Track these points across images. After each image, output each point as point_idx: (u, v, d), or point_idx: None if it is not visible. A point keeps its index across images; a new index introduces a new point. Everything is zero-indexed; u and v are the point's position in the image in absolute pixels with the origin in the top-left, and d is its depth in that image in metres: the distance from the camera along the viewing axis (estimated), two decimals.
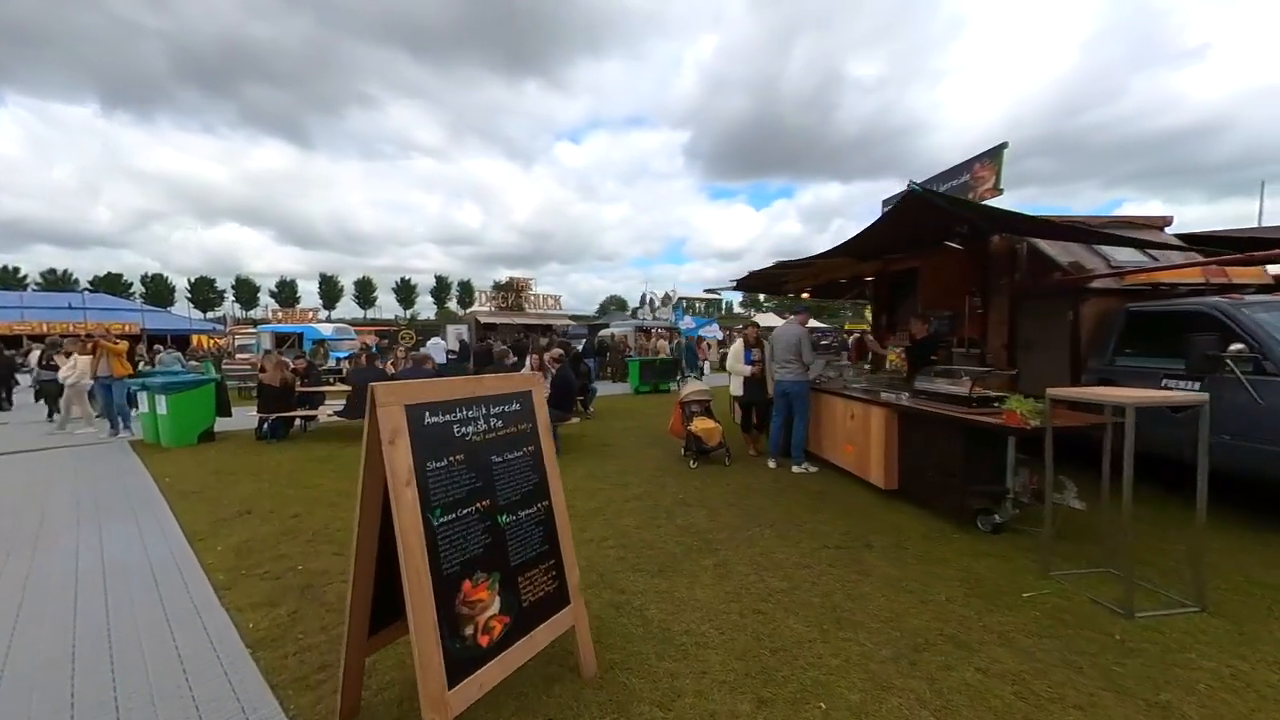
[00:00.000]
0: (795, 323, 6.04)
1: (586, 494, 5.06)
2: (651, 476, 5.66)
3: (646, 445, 7.35)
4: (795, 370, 5.81)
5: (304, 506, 4.83)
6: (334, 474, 5.98)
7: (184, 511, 4.74)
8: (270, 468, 6.31)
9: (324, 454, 7.00)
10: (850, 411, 5.23)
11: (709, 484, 5.37)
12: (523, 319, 21.56)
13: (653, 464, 6.24)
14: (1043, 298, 5.64)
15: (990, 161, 6.23)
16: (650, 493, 5.10)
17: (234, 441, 7.91)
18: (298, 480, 5.74)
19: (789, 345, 5.83)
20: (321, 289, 72.11)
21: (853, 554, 3.68)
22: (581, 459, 6.49)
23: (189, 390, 7.67)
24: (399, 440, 1.96)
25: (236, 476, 5.92)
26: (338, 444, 7.63)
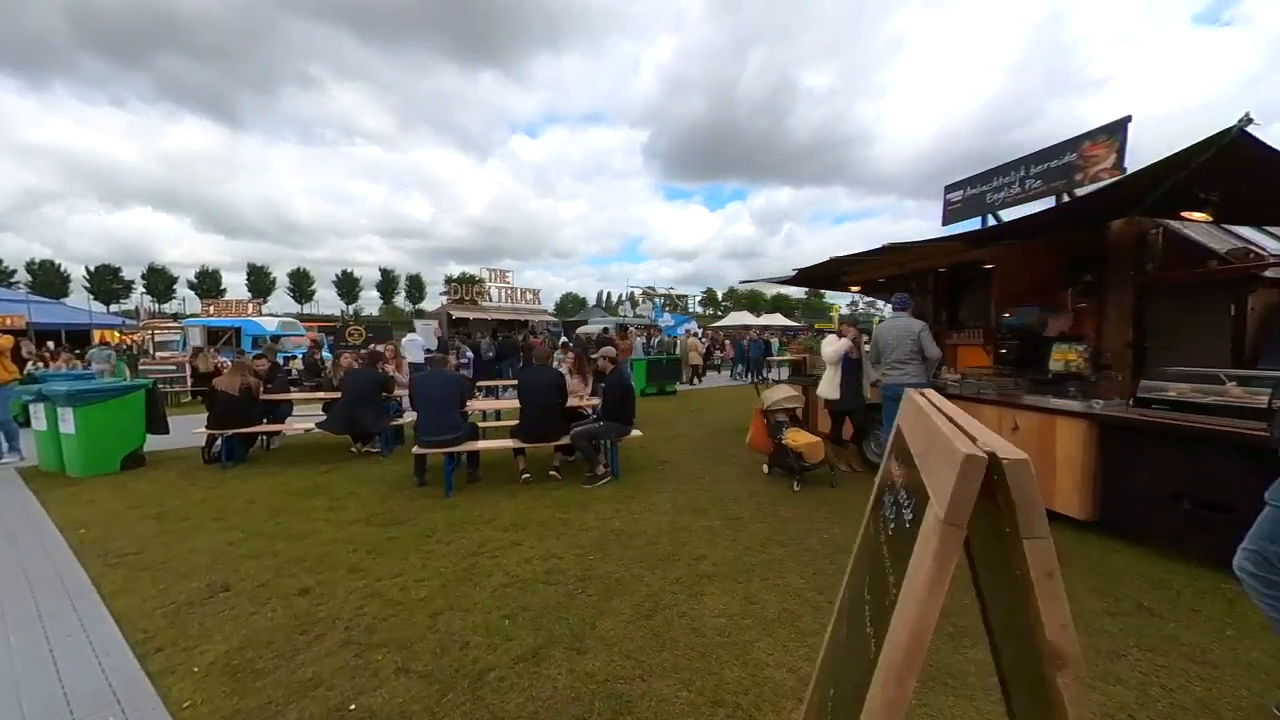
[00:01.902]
0: (906, 314, 5.10)
1: (708, 536, 3.85)
2: (762, 506, 4.52)
3: (709, 460, 6.20)
4: (914, 371, 4.87)
5: (311, 572, 3.34)
6: (331, 513, 4.43)
7: (119, 590, 3.14)
8: (236, 506, 4.65)
9: (306, 482, 5.36)
10: (1012, 422, 4.33)
11: (842, 516, 4.30)
12: (499, 314, 19.76)
13: (741, 487, 5.11)
14: (1189, 289, 4.98)
15: (1107, 139, 5.57)
16: (783, 532, 3.97)
17: (173, 467, 6.06)
18: (283, 525, 4.17)
19: (904, 341, 4.87)
20: (250, 281, 65.55)
21: (1141, 624, 2.71)
22: (651, 481, 5.26)
23: (108, 400, 5.77)
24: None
25: (190, 523, 4.25)
26: (317, 466, 5.97)
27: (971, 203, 7.34)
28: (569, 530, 3.99)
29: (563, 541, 3.77)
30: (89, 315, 20.40)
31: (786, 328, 32.63)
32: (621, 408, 5.27)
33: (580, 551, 3.60)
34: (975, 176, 7.29)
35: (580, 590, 3.05)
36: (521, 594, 3.02)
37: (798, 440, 5.15)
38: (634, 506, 4.51)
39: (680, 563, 3.40)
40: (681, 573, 3.26)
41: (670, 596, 2.97)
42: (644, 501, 4.65)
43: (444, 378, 5.07)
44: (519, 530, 4.00)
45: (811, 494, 4.85)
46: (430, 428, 4.83)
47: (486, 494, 4.90)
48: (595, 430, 5.19)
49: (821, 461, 5.12)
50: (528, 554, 3.57)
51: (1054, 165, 6.18)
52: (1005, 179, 6.82)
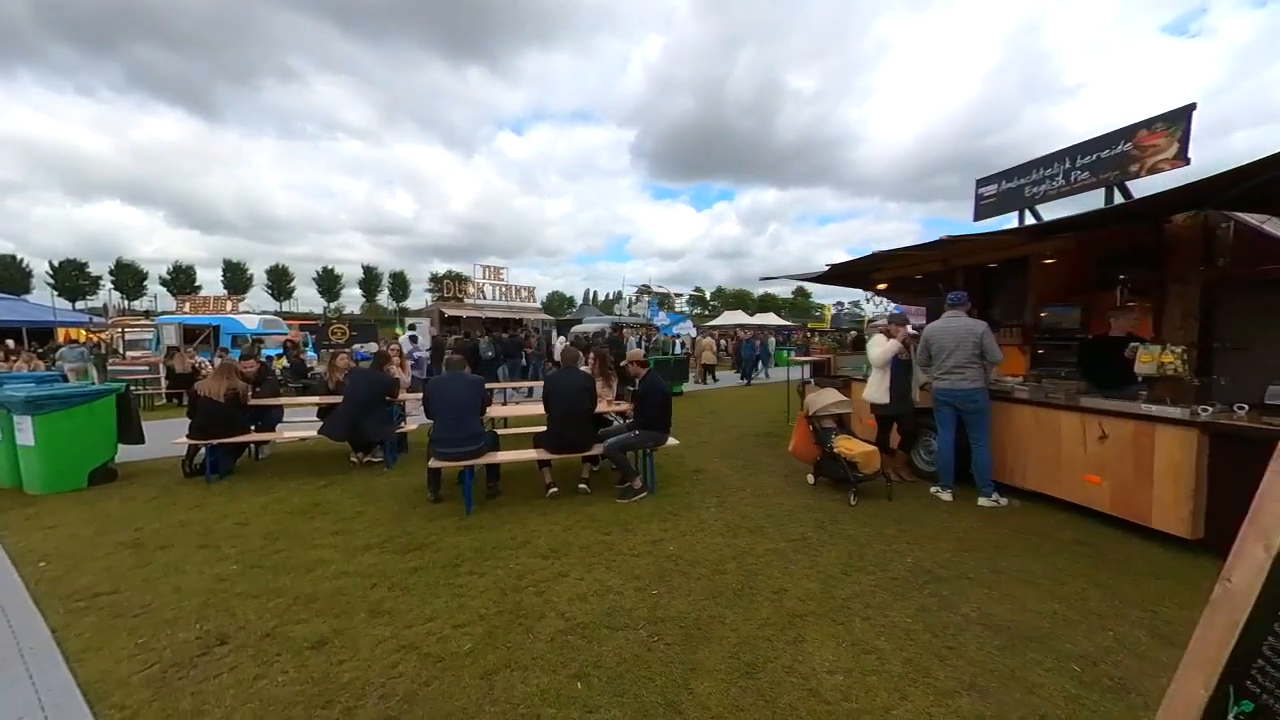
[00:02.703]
0: (963, 312, 4.72)
1: (780, 563, 3.38)
2: (823, 525, 4.08)
3: (744, 468, 5.76)
4: (973, 375, 4.49)
5: (325, 617, 2.79)
6: (338, 537, 3.88)
7: (88, 647, 2.56)
8: (226, 529, 4.06)
9: (304, 499, 4.77)
10: (1098, 429, 3.96)
11: (915, 535, 3.88)
12: (493, 312, 19.08)
13: (791, 500, 4.67)
14: (1268, 286, 4.69)
15: (1167, 127, 5.27)
16: (860, 557, 3.53)
17: (149, 481, 5.40)
18: (284, 553, 3.60)
19: (965, 344, 4.49)
20: (226, 277, 63.26)
21: None
22: (691, 495, 4.79)
23: (73, 407, 5.09)
24: None
25: (174, 552, 3.65)
26: (314, 479, 5.37)
27: (1008, 197, 7.03)
28: (618, 556, 3.51)
29: (615, 571, 3.28)
30: (53, 312, 19.19)
31: (780, 327, 32.43)
32: (660, 415, 4.79)
33: (639, 584, 3.12)
34: (1011, 170, 6.98)
35: (655, 638, 2.57)
36: (586, 644, 2.53)
37: (851, 449, 4.73)
38: (682, 526, 4.05)
39: (760, 598, 2.95)
40: (767, 612, 2.80)
41: (766, 645, 2.51)
42: (691, 520, 4.18)
43: (464, 381, 4.53)
44: (560, 557, 3.50)
45: (871, 508, 4.43)
46: (450, 437, 4.29)
47: (512, 511, 4.39)
48: (631, 440, 4.71)
49: (877, 472, 4.72)
50: (579, 588, 3.08)
51: (1105, 156, 5.88)
52: (1046, 171, 6.51)
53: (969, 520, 4.14)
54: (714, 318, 40.10)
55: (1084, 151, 6.10)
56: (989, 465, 4.47)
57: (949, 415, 4.63)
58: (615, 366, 6.18)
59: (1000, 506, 4.40)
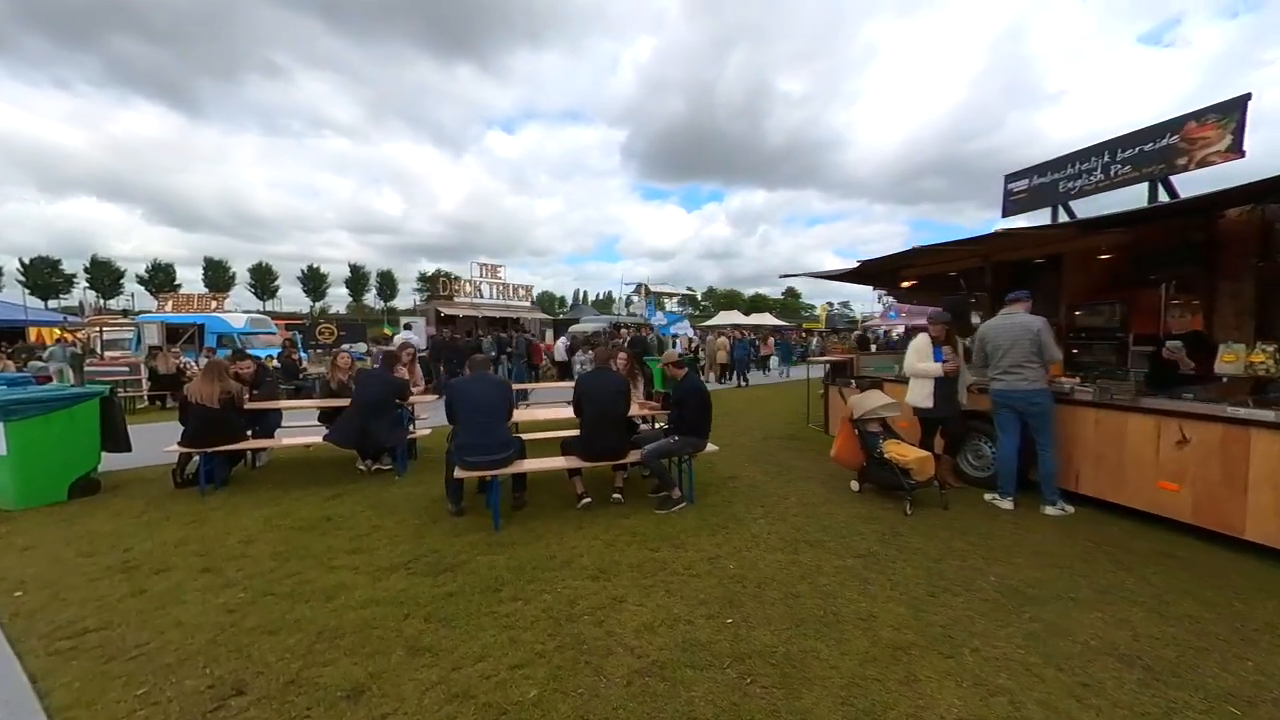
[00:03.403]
0: (1021, 308, 4.46)
1: (856, 583, 3.06)
2: (885, 537, 3.78)
3: (779, 474, 5.45)
4: (1033, 375, 4.23)
5: (356, 656, 2.41)
6: (357, 556, 3.48)
7: (75, 700, 2.15)
8: (229, 549, 3.63)
9: (312, 512, 4.35)
10: (1176, 433, 3.71)
11: (986, 547, 3.60)
12: (490, 311, 18.60)
13: (841, 510, 4.36)
14: None
15: (1219, 119, 5.09)
16: (938, 574, 3.23)
17: (137, 493, 4.93)
18: (299, 577, 3.20)
19: (1023, 341, 4.24)
20: (207, 276, 61.54)
21: None
22: (733, 505, 4.47)
23: (51, 412, 4.62)
24: None
25: (172, 578, 3.23)
26: (319, 490, 4.95)
27: (1040, 193, 6.83)
28: (675, 577, 3.17)
29: (677, 596, 2.95)
30: (24, 311, 18.29)
31: (777, 327, 32.33)
32: (701, 420, 4.47)
33: (708, 611, 2.78)
34: (1044, 164, 6.78)
35: (748, 679, 2.24)
36: (670, 688, 2.18)
37: (904, 455, 4.45)
38: (735, 540, 3.72)
39: (850, 626, 2.63)
40: (863, 644, 2.49)
41: (877, 686, 2.19)
42: (742, 533, 3.86)
43: (491, 384, 4.16)
44: (611, 578, 3.16)
45: (930, 519, 4.15)
46: (478, 444, 3.91)
47: (544, 525, 4.02)
48: (670, 447, 4.37)
49: (930, 479, 4.44)
50: (642, 616, 2.73)
51: (1149, 149, 5.68)
52: (1084, 165, 6.32)
53: (1039, 531, 3.87)
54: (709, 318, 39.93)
55: (1125, 145, 5.90)
56: (1055, 472, 4.21)
57: (1010, 418, 4.37)
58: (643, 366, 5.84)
59: (1066, 515, 4.15)
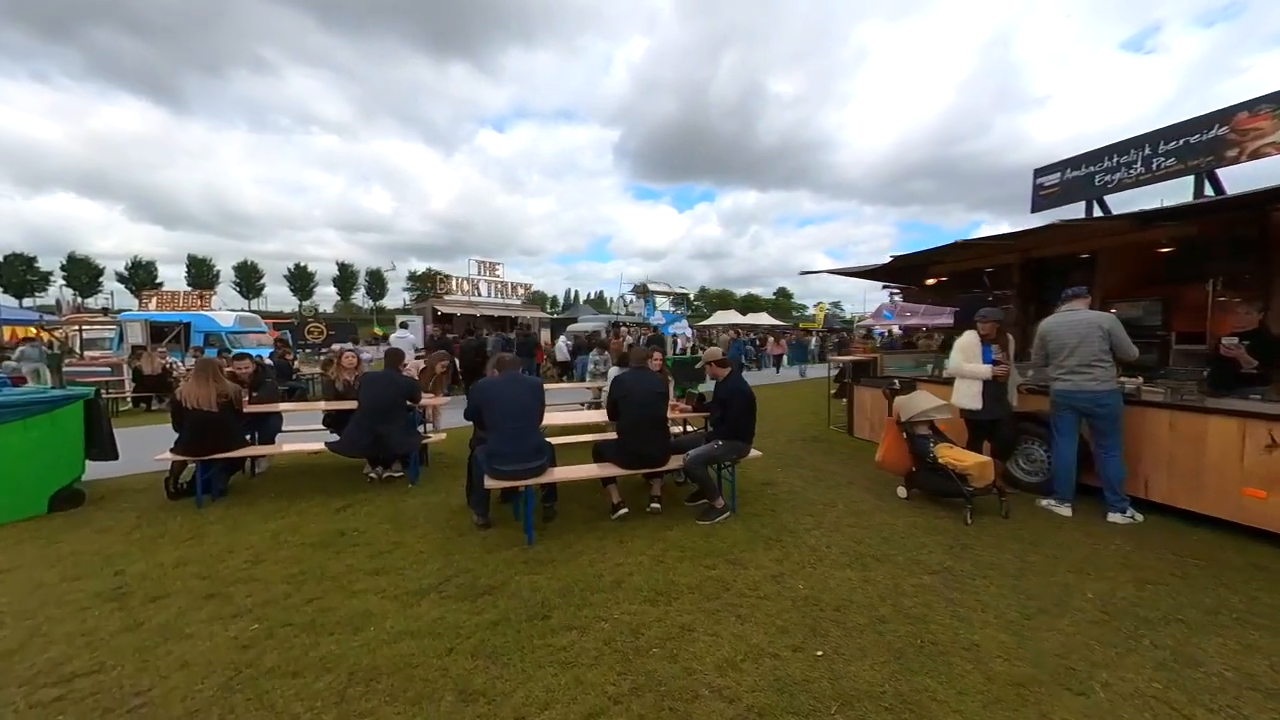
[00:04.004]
0: (1085, 303, 4.22)
1: (943, 604, 2.76)
2: (953, 549, 3.49)
3: (816, 480, 5.17)
4: (1103, 375, 3.98)
5: (399, 703, 2.06)
6: (381, 578, 3.12)
7: None
8: (235, 570, 3.25)
9: (323, 525, 3.97)
10: (1267, 437, 3.47)
11: (1063, 559, 3.33)
12: (488, 310, 18.15)
13: (896, 519, 4.08)
14: None
15: (1274, 109, 4.91)
16: (1026, 593, 2.95)
17: (126, 505, 4.50)
18: (318, 603, 2.83)
19: (1091, 338, 3.99)
20: (191, 274, 60.04)
21: None
22: (780, 514, 4.17)
23: (30, 417, 4.18)
24: None
25: (171, 605, 2.84)
26: (327, 500, 4.56)
27: (1073, 187, 6.65)
28: (742, 599, 2.86)
29: (752, 622, 2.63)
30: None
31: (774, 327, 32.20)
32: (746, 423, 4.16)
33: (792, 641, 2.47)
34: (1078, 158, 6.60)
35: None
36: None
37: (961, 460, 4.18)
38: (795, 555, 3.42)
39: (955, 658, 2.34)
40: (977, 679, 2.20)
41: None
42: (800, 547, 3.56)
43: (524, 385, 3.81)
44: (670, 600, 2.84)
45: (993, 527, 3.89)
46: (511, 452, 3.57)
47: (580, 538, 3.69)
48: (715, 452, 4.06)
49: (989, 485, 4.18)
50: (719, 648, 2.42)
51: (1195, 141, 5.50)
52: (1122, 159, 6.13)
53: (1114, 541, 3.62)
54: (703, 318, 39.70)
55: (1168, 137, 5.72)
56: (1122, 477, 3.97)
57: (1070, 420, 4.13)
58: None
59: (1136, 523, 3.91)
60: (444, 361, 5.95)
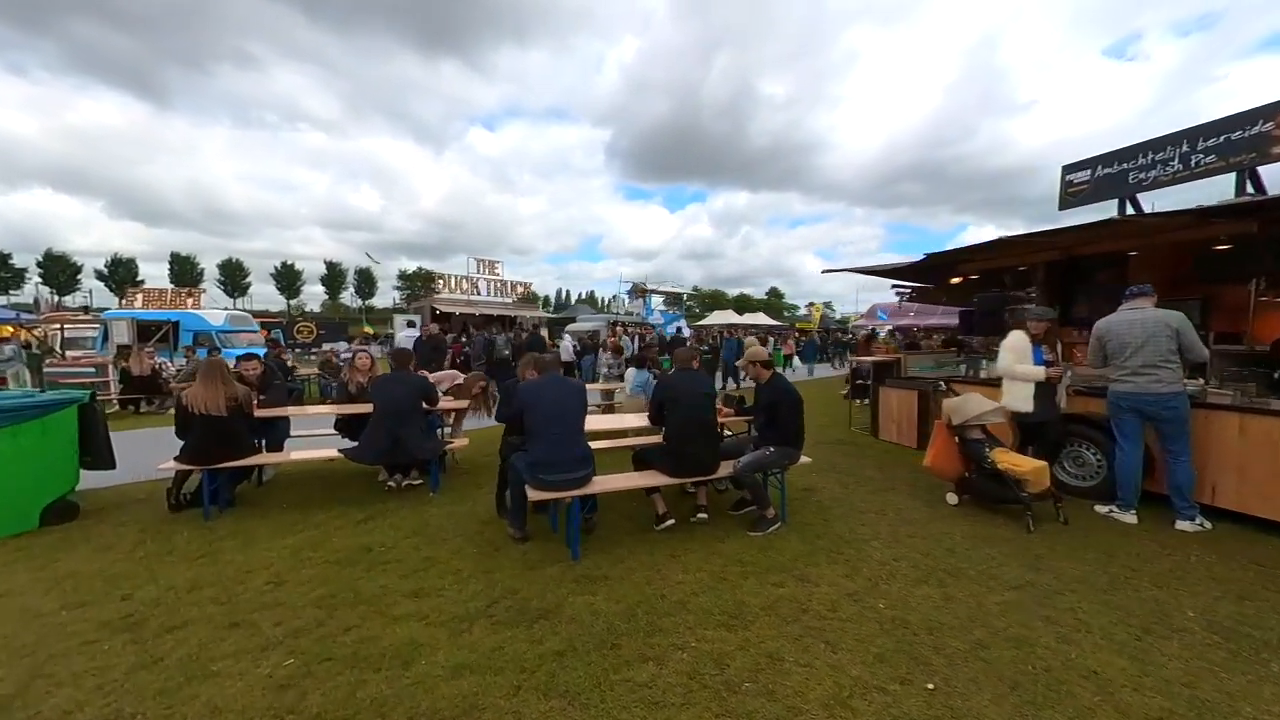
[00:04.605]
0: (1150, 302, 4.05)
1: (1042, 624, 2.55)
2: (1024, 560, 3.29)
3: (857, 485, 4.96)
4: (1168, 377, 3.81)
5: None
6: (420, 600, 2.84)
7: None
8: (256, 593, 2.94)
9: (346, 540, 3.66)
10: None
11: (1149, 571, 3.13)
12: (487, 308, 17.79)
13: (952, 527, 3.89)
14: None
15: None
16: (1120, 609, 2.75)
17: (124, 520, 4.15)
18: (357, 632, 2.54)
19: (1158, 338, 3.83)
20: (174, 271, 58.52)
21: None
22: (831, 524, 3.94)
23: (20, 423, 3.82)
24: None
25: (189, 636, 2.53)
26: (346, 511, 4.25)
27: (1106, 184, 6.53)
28: (823, 622, 2.63)
29: (844, 650, 2.40)
30: None
31: (772, 326, 32.14)
32: (796, 427, 3.94)
33: (894, 672, 2.25)
34: (1110, 154, 6.48)
35: None
36: None
37: (1018, 465, 4.00)
38: (863, 570, 3.19)
39: (1078, 688, 2.12)
40: (1108, 715, 1.99)
41: None
42: (865, 560, 3.34)
43: (567, 388, 3.54)
44: (748, 625, 2.60)
45: (1056, 536, 3.70)
46: (558, 460, 3.30)
47: (628, 551, 3.43)
48: (767, 459, 3.83)
49: (1046, 491, 4.00)
50: (818, 681, 2.18)
51: (1237, 137, 5.39)
52: (1159, 155, 6.02)
53: (1192, 551, 3.45)
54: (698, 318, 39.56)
55: (1208, 133, 5.61)
56: (1191, 483, 3.81)
57: (1133, 423, 3.96)
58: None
59: (1206, 531, 3.75)
60: (481, 383, 5.61)
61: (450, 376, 6.23)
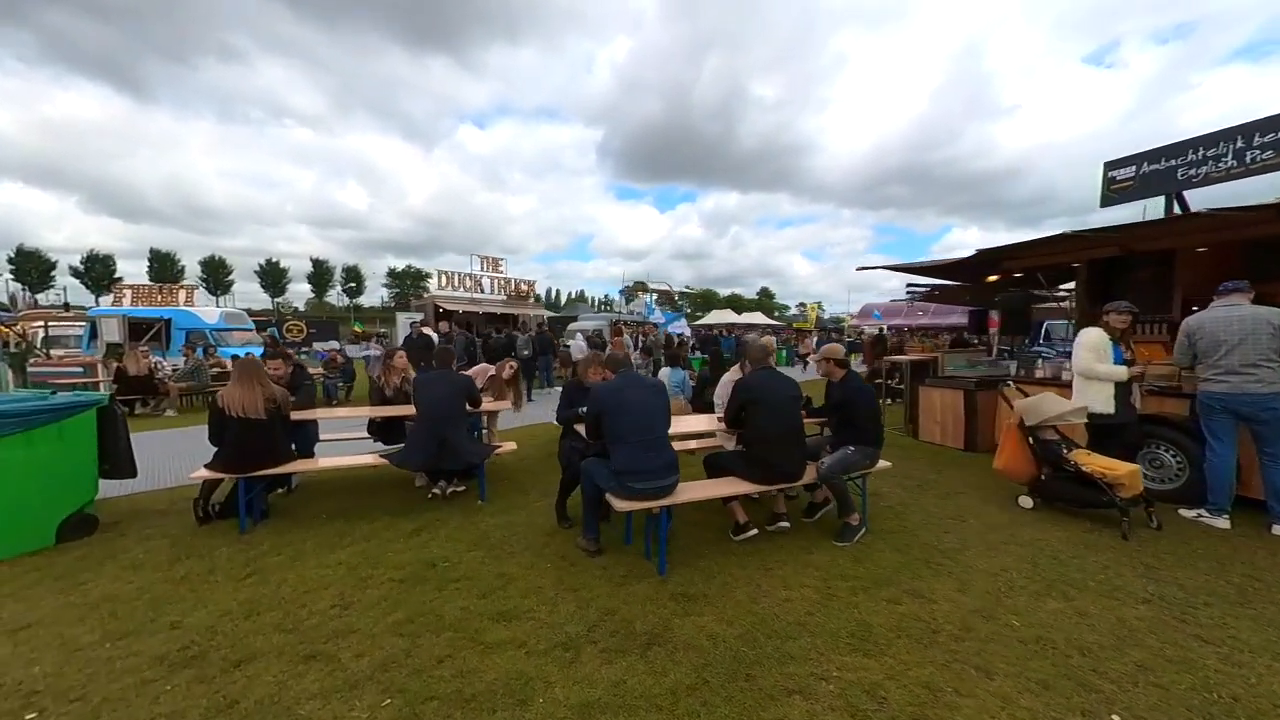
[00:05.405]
0: (1246, 298, 3.91)
1: (1200, 647, 2.35)
2: (1137, 570, 3.10)
3: (924, 491, 4.77)
4: (1270, 376, 3.65)
5: None
6: (511, 623, 2.56)
7: None
8: (321, 617, 2.63)
9: (406, 556, 3.35)
10: None
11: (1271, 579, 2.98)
12: (490, 307, 17.38)
13: (1038, 533, 3.70)
14: None
15: None
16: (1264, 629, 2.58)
17: (148, 533, 3.78)
18: (450, 663, 2.26)
19: (1256, 334, 3.68)
20: (153, 269, 56.77)
21: None
22: (907, 530, 3.74)
23: (34, 428, 3.45)
24: None
25: (259, 670, 2.22)
26: (390, 523, 3.93)
27: (1152, 180, 6.43)
28: (962, 645, 2.40)
29: (1004, 677, 2.18)
30: None
31: (769, 326, 32.13)
32: (875, 427, 3.73)
33: (1068, 700, 2.03)
34: (1156, 150, 6.38)
35: None
36: None
37: (1112, 468, 3.83)
38: (976, 583, 2.98)
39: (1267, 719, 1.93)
40: None
41: None
42: (970, 570, 3.13)
43: (650, 388, 3.27)
44: (882, 651, 2.36)
45: (1157, 543, 3.53)
46: (647, 469, 3.03)
47: (714, 564, 3.18)
48: (850, 460, 3.61)
49: (1138, 495, 3.84)
50: (991, 715, 1.96)
51: None
52: (1210, 151, 5.92)
53: None
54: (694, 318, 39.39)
55: (1264, 129, 5.51)
56: None
57: (1228, 425, 3.81)
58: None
59: None
60: (511, 363, 5.32)
61: (483, 371, 5.92)
